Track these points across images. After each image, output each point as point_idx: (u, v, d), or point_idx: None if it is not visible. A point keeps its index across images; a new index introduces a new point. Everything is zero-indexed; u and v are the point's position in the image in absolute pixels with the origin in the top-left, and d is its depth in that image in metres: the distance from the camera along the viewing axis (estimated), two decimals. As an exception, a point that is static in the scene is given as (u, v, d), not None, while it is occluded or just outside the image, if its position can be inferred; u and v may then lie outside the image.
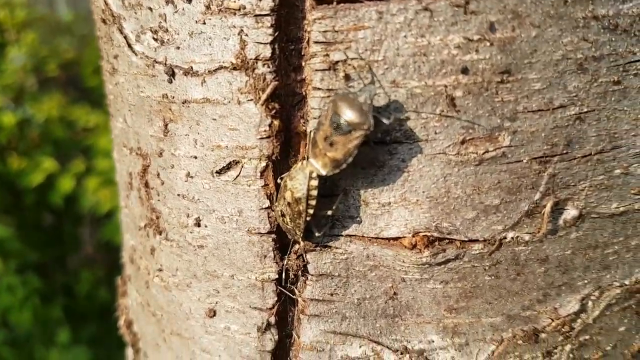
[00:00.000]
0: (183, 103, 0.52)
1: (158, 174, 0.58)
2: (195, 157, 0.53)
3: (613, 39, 0.46)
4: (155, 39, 0.52)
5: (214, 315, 0.59)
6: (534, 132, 0.47)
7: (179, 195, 0.56)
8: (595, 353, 0.58)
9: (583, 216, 0.52)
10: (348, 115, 0.42)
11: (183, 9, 0.49)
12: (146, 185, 0.60)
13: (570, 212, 0.51)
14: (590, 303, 0.55)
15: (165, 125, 0.54)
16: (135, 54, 0.55)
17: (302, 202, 0.46)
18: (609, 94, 0.48)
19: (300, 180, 0.46)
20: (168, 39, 0.51)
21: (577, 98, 0.47)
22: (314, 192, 0.46)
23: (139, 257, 0.68)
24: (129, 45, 0.56)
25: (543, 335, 0.54)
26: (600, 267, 0.55)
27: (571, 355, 0.57)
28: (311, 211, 0.47)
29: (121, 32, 0.56)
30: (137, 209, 0.64)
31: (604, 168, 0.51)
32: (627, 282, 0.57)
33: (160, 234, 0.60)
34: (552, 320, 0.54)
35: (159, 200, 0.59)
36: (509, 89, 0.45)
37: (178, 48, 0.51)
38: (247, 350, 0.58)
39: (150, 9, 0.52)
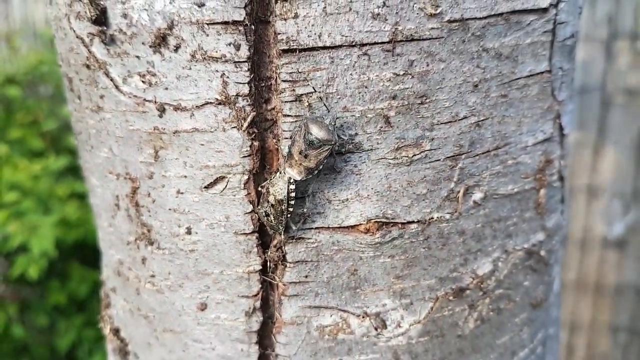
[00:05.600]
0: (174, 133, 0.63)
1: (149, 194, 0.68)
2: (185, 177, 0.65)
3: (498, 64, 0.64)
4: (144, 82, 0.63)
5: (205, 308, 0.70)
6: (447, 138, 0.64)
7: (170, 209, 0.67)
8: (508, 303, 0.76)
9: (487, 197, 0.69)
10: (319, 134, 0.56)
11: (170, 57, 0.61)
12: (136, 204, 0.70)
13: (478, 195, 0.68)
14: (500, 264, 0.73)
15: (156, 152, 0.65)
16: (123, 94, 0.66)
17: (284, 203, 0.59)
18: (499, 105, 0.66)
19: (281, 185, 0.59)
20: (156, 82, 0.63)
21: (475, 110, 0.64)
22: (293, 194, 0.59)
23: (127, 268, 0.77)
24: (116, 87, 0.66)
25: (467, 291, 0.71)
26: (504, 235, 0.73)
27: (490, 306, 0.74)
28: (291, 209, 0.60)
29: (107, 76, 0.67)
30: (125, 226, 0.74)
31: (500, 160, 0.69)
32: (525, 246, 0.75)
33: (152, 245, 0.71)
34: (473, 279, 0.71)
35: (150, 215, 0.70)
36: (426, 108, 0.61)
37: (166, 89, 0.62)
38: (236, 334, 0.70)
39: (138, 57, 0.63)
